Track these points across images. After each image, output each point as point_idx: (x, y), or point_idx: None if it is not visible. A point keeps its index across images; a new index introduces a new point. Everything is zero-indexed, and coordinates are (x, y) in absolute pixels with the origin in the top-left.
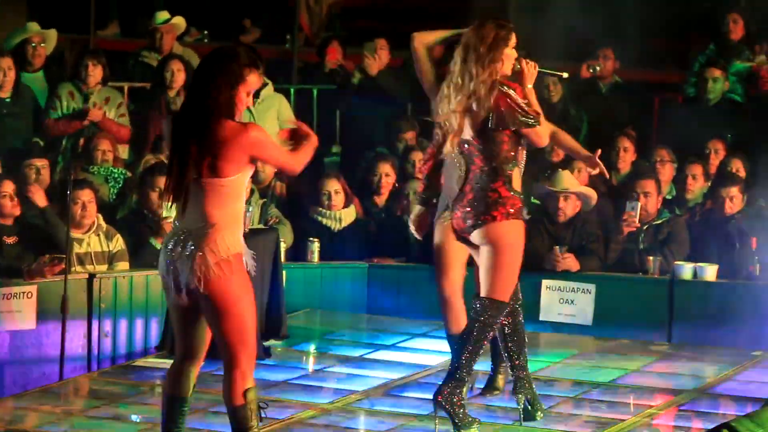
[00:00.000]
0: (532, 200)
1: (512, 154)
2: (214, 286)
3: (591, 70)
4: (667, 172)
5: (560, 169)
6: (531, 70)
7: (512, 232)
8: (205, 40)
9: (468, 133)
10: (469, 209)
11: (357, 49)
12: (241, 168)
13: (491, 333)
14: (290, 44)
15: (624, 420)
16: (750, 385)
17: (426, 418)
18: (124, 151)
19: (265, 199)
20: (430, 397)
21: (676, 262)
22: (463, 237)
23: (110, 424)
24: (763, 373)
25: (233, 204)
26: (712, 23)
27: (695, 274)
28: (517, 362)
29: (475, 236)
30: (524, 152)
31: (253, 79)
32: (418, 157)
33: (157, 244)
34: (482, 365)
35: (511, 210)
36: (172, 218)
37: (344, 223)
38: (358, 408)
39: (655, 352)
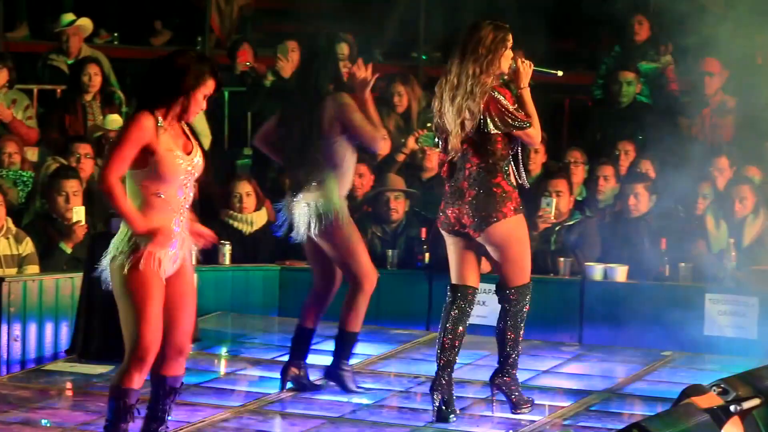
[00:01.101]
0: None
1: (506, 152)
2: (114, 290)
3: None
4: (579, 173)
5: None
6: (526, 69)
7: (520, 226)
8: (116, 42)
9: (464, 132)
10: (474, 205)
11: (268, 51)
12: (140, 162)
13: (526, 313)
14: (201, 46)
15: (535, 421)
16: (660, 385)
17: (338, 420)
18: (33, 154)
19: None
20: (343, 399)
21: (586, 263)
22: (458, 232)
23: (20, 428)
24: (673, 373)
25: (138, 202)
26: (618, 25)
27: (605, 275)
28: (443, 362)
29: (485, 235)
30: (518, 148)
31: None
32: None
33: (67, 248)
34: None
35: (516, 204)
36: (83, 222)
37: (256, 226)
38: (270, 410)
39: (565, 352)
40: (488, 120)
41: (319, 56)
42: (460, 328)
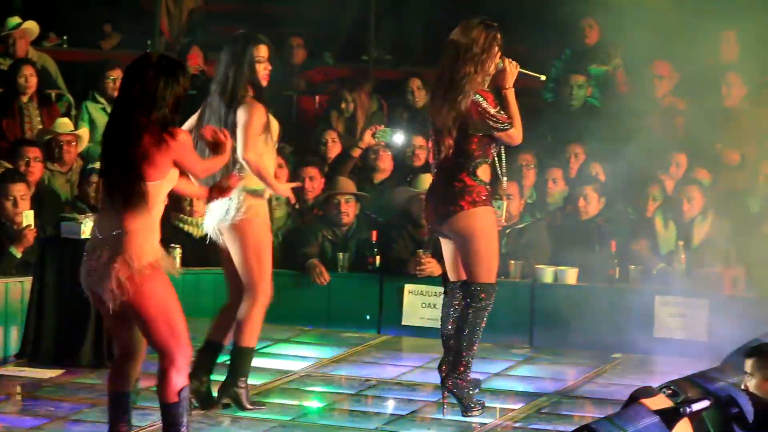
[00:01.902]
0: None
1: (480, 152)
2: (135, 297)
3: None
4: (530, 176)
5: (421, 174)
6: (513, 69)
7: (482, 218)
8: (65, 46)
9: (455, 130)
10: (438, 201)
11: (217, 55)
12: (164, 173)
13: (486, 314)
14: (151, 49)
15: (486, 423)
16: (610, 387)
17: (290, 423)
18: None
19: None
20: (294, 402)
21: (537, 266)
22: (436, 229)
23: None
24: (623, 375)
25: (150, 210)
26: (567, 28)
27: (556, 278)
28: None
29: (446, 227)
30: (495, 149)
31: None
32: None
33: (17, 252)
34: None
35: (477, 198)
36: (33, 226)
37: (206, 231)
38: (221, 414)
39: (516, 355)
40: (467, 122)
41: (234, 60)
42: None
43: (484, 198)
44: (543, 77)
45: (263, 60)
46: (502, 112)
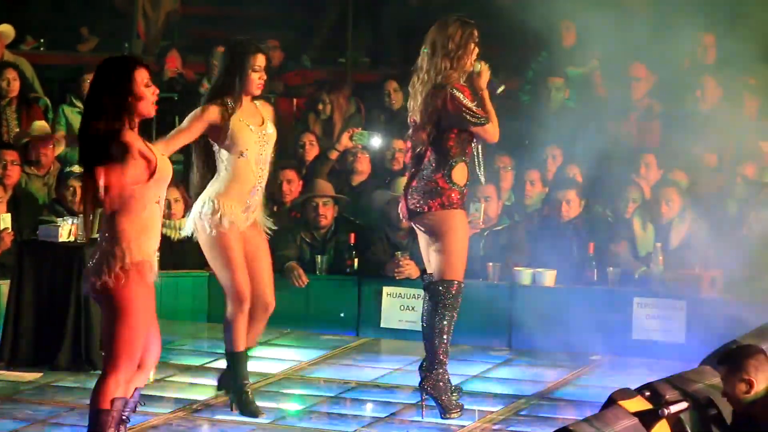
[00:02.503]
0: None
1: (458, 149)
2: (111, 291)
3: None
4: (508, 178)
5: (399, 177)
6: (488, 73)
7: (449, 221)
8: (42, 49)
9: (429, 126)
10: (410, 198)
11: (196, 58)
12: (135, 177)
13: (455, 312)
14: (128, 52)
15: (465, 426)
16: (589, 389)
17: (269, 426)
18: None
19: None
20: (272, 405)
21: (515, 268)
22: (410, 222)
23: None
24: (601, 377)
25: (142, 212)
26: (544, 30)
27: (534, 280)
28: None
29: (416, 223)
30: (474, 147)
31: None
32: None
33: None
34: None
35: (446, 201)
36: (10, 230)
37: (185, 232)
38: (199, 417)
39: (495, 357)
40: (443, 117)
41: (228, 67)
42: None
43: (454, 201)
44: (502, 88)
45: (260, 69)
46: (479, 108)
